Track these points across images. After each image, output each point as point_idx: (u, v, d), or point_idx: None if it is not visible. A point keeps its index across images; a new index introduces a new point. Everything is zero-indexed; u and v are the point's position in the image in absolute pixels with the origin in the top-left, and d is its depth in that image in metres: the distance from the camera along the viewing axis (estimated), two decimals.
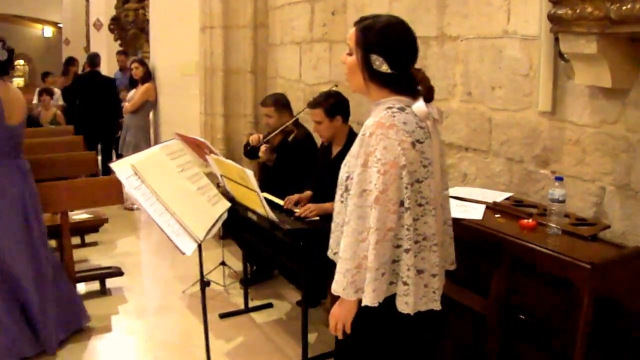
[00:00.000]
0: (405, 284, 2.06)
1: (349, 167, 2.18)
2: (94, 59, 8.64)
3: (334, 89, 4.12)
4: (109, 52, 12.03)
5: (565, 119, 2.92)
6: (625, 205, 2.65)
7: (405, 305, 2.08)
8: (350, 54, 2.20)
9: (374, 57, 2.11)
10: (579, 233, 2.51)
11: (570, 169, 2.89)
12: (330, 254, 2.32)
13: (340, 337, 2.21)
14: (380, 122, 2.05)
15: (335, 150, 3.98)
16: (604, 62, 2.47)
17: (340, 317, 2.16)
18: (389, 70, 2.12)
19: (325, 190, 2.34)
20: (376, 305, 2.03)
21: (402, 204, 2.01)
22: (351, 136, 3.83)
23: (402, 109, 2.10)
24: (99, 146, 8.45)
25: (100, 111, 8.20)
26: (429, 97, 2.19)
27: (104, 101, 8.25)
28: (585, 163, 2.82)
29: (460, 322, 2.84)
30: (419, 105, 2.13)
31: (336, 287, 2.09)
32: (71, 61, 10.57)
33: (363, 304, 2.04)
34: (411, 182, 2.03)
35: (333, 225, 2.29)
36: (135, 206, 7.32)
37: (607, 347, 2.39)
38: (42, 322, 3.76)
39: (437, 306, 2.17)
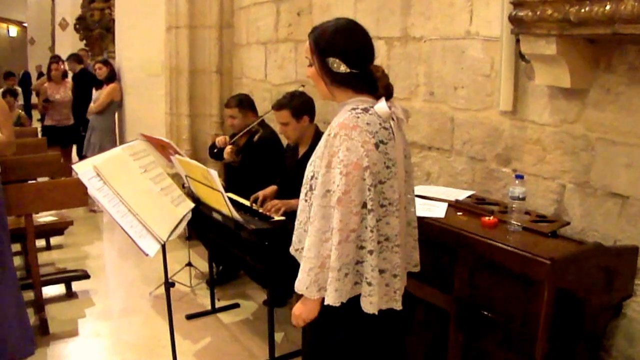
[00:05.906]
0: (369, 284, 2.07)
1: (314, 167, 2.17)
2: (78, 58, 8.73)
3: (301, 89, 4.11)
4: (74, 51, 11.88)
5: (526, 118, 2.96)
6: (585, 202, 2.70)
7: (370, 305, 2.09)
8: (310, 65, 2.23)
9: (330, 60, 2.14)
10: (539, 230, 2.55)
11: (531, 167, 2.94)
12: (292, 250, 2.32)
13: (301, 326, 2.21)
14: (344, 123, 2.06)
15: (302, 150, 3.97)
16: (564, 63, 2.52)
17: (302, 315, 2.16)
18: (347, 70, 2.14)
19: (292, 190, 2.35)
20: (338, 304, 2.04)
21: (364, 205, 2.02)
22: (318, 135, 3.79)
23: (366, 110, 2.12)
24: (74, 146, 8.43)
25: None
26: (387, 94, 2.19)
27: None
28: (545, 161, 2.87)
29: (425, 319, 2.87)
30: (381, 106, 2.13)
31: (299, 285, 2.10)
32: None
33: (325, 303, 2.05)
34: (374, 184, 2.04)
35: (296, 223, 2.29)
36: (100, 208, 7.26)
37: (568, 340, 2.43)
38: None
39: (398, 306, 2.18)
